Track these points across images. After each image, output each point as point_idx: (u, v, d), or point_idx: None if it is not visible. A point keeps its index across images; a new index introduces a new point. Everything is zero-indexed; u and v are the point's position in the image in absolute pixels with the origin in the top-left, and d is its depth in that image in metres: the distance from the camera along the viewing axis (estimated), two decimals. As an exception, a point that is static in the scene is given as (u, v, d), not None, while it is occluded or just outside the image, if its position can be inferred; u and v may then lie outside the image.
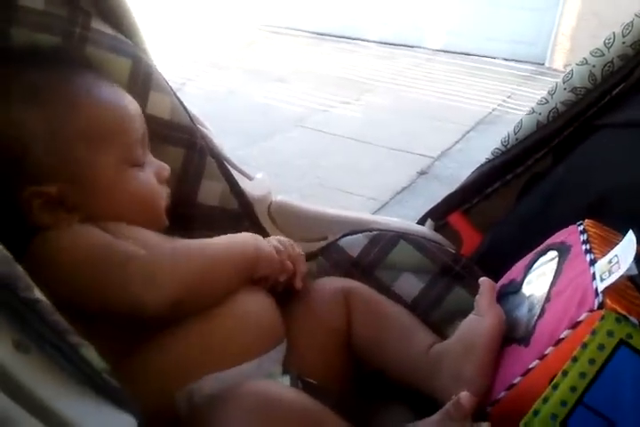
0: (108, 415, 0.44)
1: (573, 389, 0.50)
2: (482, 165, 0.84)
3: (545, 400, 0.51)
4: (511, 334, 0.62)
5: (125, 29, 0.78)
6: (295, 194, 0.90)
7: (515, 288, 0.68)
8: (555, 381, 0.51)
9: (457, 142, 2.47)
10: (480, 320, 0.63)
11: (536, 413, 0.51)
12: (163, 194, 0.71)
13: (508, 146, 0.81)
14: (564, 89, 0.76)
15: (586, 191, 0.74)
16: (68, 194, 0.63)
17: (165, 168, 0.72)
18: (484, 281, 0.67)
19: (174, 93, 0.79)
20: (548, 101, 0.77)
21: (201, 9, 4.25)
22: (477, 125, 2.66)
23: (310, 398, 0.52)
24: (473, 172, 0.85)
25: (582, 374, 0.51)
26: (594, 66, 0.74)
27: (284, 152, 2.27)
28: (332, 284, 0.73)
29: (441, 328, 0.73)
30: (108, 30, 0.76)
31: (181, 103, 0.79)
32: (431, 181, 2.15)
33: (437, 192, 2.10)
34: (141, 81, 0.76)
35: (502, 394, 0.57)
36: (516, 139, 0.80)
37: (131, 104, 0.70)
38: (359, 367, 0.69)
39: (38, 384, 0.41)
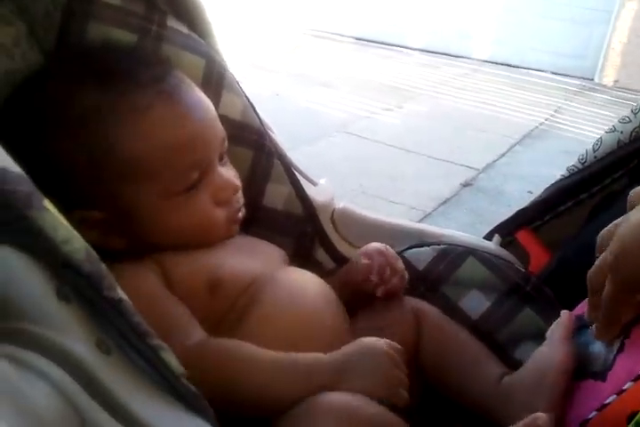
0: (187, 422, 0.43)
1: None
2: (556, 182, 0.82)
3: None
4: (586, 369, 0.60)
5: (199, 29, 0.78)
6: (336, 201, 0.89)
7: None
8: (637, 418, 0.49)
9: (503, 155, 2.44)
10: (551, 355, 0.62)
11: None
12: (219, 217, 0.66)
13: (586, 163, 0.78)
14: (649, 108, 0.73)
15: None
16: (113, 222, 0.61)
17: (228, 187, 0.66)
18: (564, 314, 0.66)
19: (245, 95, 0.79)
20: (630, 120, 0.75)
21: (248, 13, 4.27)
22: (524, 139, 2.63)
23: (389, 412, 0.51)
24: (546, 189, 0.83)
25: (667, 414, 0.49)
26: (681, 86, 0.71)
27: (327, 157, 2.26)
28: (403, 303, 0.72)
29: (507, 350, 0.71)
30: (184, 29, 0.75)
31: (252, 105, 0.79)
32: (475, 193, 2.12)
33: (482, 205, 2.09)
34: (215, 81, 0.75)
35: (577, 430, 0.55)
36: (595, 156, 0.78)
37: (199, 123, 0.64)
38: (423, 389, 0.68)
39: (119, 386, 0.40)
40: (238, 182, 0.68)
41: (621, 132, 0.76)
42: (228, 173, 0.68)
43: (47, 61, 0.67)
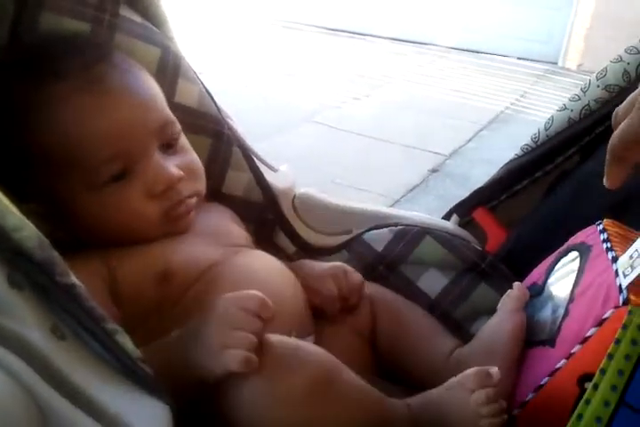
0: (144, 404, 0.43)
1: (614, 387, 0.49)
2: (510, 162, 0.83)
3: (587, 402, 0.50)
4: (535, 337, 0.62)
5: (152, 17, 0.78)
6: (297, 187, 0.89)
7: (537, 291, 0.68)
8: (594, 380, 0.50)
9: (469, 141, 2.46)
10: (501, 325, 0.64)
11: (580, 417, 0.50)
12: (152, 212, 0.62)
13: (539, 142, 0.79)
14: (598, 86, 0.75)
15: (612, 190, 0.74)
16: (49, 215, 0.60)
17: (160, 179, 0.62)
18: (516, 285, 0.67)
19: (202, 83, 0.79)
20: (580, 98, 0.76)
21: (214, 3, 4.24)
22: (490, 124, 2.65)
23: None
24: (501, 168, 0.84)
25: (620, 372, 0.50)
26: (628, 63, 0.72)
27: (296, 148, 2.26)
28: None
29: (464, 326, 0.73)
30: (137, 18, 0.75)
31: (209, 93, 0.79)
32: (443, 179, 2.14)
33: (449, 190, 2.11)
34: (170, 70, 0.75)
35: (530, 396, 0.57)
36: (547, 135, 0.79)
37: (123, 113, 0.61)
38: (381, 372, 0.69)
39: (75, 371, 0.40)
40: (176, 174, 0.63)
41: (571, 111, 0.77)
42: (169, 163, 0.64)
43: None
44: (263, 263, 0.67)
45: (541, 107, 2.86)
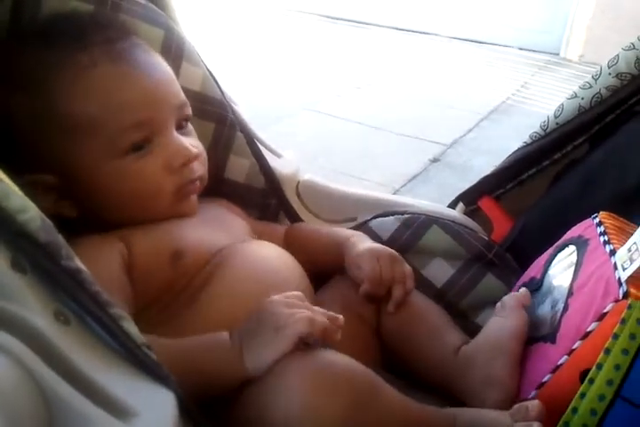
0: (150, 390, 0.43)
1: (610, 382, 0.49)
2: (518, 150, 0.82)
3: (582, 396, 0.50)
4: (535, 333, 0.61)
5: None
6: (301, 173, 0.88)
7: (535, 286, 0.67)
8: (590, 375, 0.50)
9: (470, 131, 2.45)
10: (504, 322, 0.63)
11: (574, 410, 0.50)
12: (167, 186, 0.63)
13: (547, 130, 0.78)
14: (609, 74, 0.73)
15: (622, 179, 0.73)
16: (63, 184, 0.60)
17: (180, 153, 0.64)
18: (521, 290, 0.66)
19: (206, 66, 0.77)
20: (591, 86, 0.75)
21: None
22: (491, 114, 2.64)
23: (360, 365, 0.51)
24: (508, 156, 0.83)
25: (617, 366, 0.49)
26: (641, 51, 0.71)
27: (295, 136, 2.25)
28: None
29: (470, 316, 0.72)
30: (141, 0, 0.74)
31: (213, 77, 0.78)
32: (443, 168, 2.13)
33: (449, 180, 2.10)
34: (174, 52, 0.74)
35: (533, 393, 0.56)
36: (557, 123, 0.78)
37: (148, 83, 0.63)
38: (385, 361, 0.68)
39: (79, 356, 0.40)
40: (194, 151, 0.65)
41: (582, 99, 0.76)
42: (185, 140, 0.65)
43: None
44: (269, 251, 0.67)
45: (542, 98, 2.84)
